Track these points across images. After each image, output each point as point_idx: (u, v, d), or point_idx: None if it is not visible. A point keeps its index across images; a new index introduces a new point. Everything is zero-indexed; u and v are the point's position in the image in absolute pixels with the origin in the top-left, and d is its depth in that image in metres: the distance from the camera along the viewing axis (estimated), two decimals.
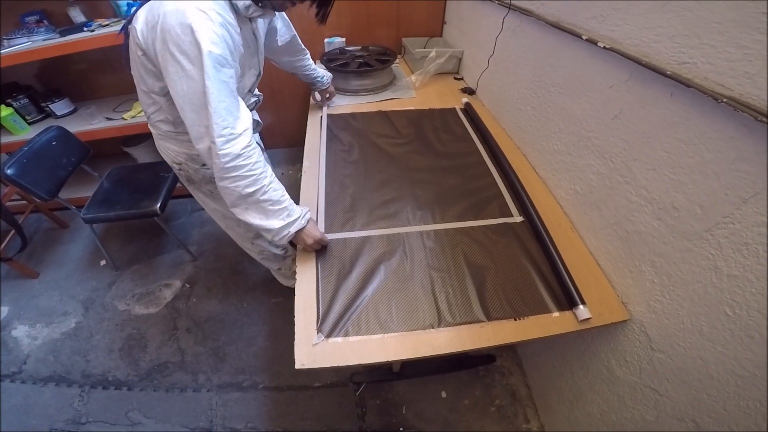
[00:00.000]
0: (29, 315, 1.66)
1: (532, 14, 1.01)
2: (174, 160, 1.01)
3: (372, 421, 1.26)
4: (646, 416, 0.76)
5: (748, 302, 0.54)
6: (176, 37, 0.67)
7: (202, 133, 0.75)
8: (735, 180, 0.54)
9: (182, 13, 0.67)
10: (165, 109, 0.88)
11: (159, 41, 0.69)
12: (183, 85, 0.70)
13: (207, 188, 1.08)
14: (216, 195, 1.08)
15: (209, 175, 1.02)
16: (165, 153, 1.01)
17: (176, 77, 0.70)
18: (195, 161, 0.99)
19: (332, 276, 0.83)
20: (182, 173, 1.05)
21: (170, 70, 0.70)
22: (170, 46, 0.68)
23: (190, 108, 0.73)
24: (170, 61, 0.69)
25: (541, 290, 0.80)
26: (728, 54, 0.52)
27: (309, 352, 0.70)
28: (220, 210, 1.16)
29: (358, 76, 1.54)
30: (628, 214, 0.76)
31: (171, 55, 0.68)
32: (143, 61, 0.77)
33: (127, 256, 1.89)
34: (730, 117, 0.53)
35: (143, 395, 1.37)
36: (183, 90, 0.71)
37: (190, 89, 0.71)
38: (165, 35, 0.68)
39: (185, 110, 0.73)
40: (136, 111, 1.78)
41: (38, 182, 1.40)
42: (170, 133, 0.94)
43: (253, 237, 1.26)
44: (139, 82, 0.84)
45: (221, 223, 1.25)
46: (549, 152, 1.04)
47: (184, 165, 1.01)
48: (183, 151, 0.97)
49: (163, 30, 0.68)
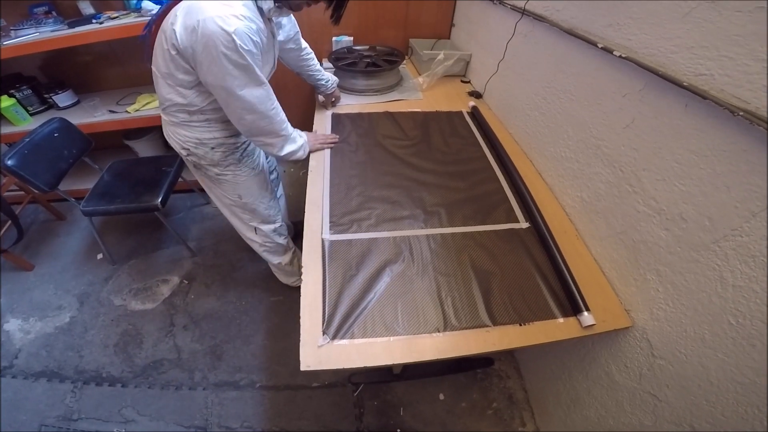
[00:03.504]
0: (22, 308, 1.64)
1: (545, 20, 1.01)
2: (183, 146, 1.05)
3: (369, 422, 1.26)
4: (644, 421, 0.77)
5: (752, 312, 0.55)
6: (218, 44, 0.76)
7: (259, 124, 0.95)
8: (746, 193, 0.55)
9: (223, 20, 0.75)
10: (189, 100, 0.94)
11: (200, 45, 0.77)
12: (236, 86, 0.84)
13: (214, 171, 1.11)
14: (222, 180, 1.13)
15: (218, 158, 1.07)
16: (175, 139, 1.05)
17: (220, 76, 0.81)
18: (205, 145, 1.04)
19: (338, 277, 0.83)
20: (190, 159, 1.08)
21: (213, 71, 0.81)
22: (211, 51, 0.77)
23: (238, 103, 0.88)
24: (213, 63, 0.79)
25: (546, 296, 0.80)
26: (747, 67, 0.53)
27: (314, 354, 0.69)
28: (225, 196, 1.18)
29: (366, 76, 1.53)
30: (635, 223, 0.76)
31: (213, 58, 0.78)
32: (176, 59, 0.83)
33: (125, 250, 1.87)
34: (745, 130, 0.53)
35: (137, 392, 1.35)
36: (240, 91, 0.85)
37: (245, 88, 0.85)
38: (207, 41, 0.76)
39: (237, 109, 0.90)
40: (141, 104, 1.76)
41: (38, 174, 1.38)
42: (185, 121, 0.99)
43: (259, 223, 1.27)
44: (166, 76, 0.89)
45: (225, 211, 1.26)
46: (556, 159, 1.04)
47: (193, 150, 1.05)
48: (195, 137, 1.02)
49: (204, 35, 0.75)
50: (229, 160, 1.09)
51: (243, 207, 1.21)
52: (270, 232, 1.31)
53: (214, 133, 1.03)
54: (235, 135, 1.07)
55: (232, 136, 1.07)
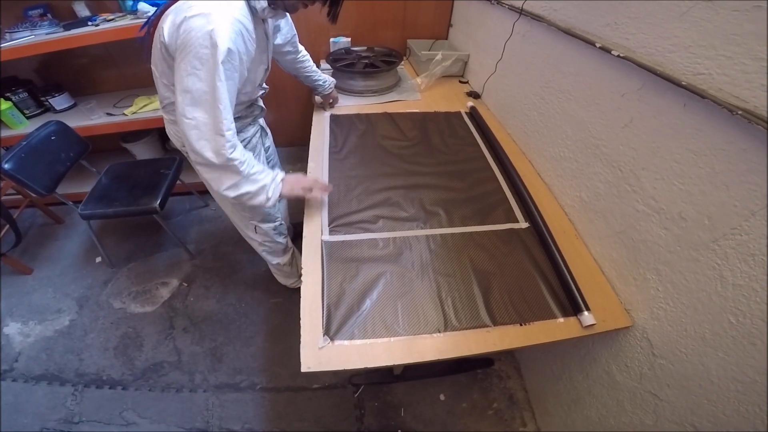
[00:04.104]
0: (22, 312, 1.63)
1: (543, 20, 1.01)
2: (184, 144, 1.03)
3: (370, 423, 1.26)
4: (645, 420, 0.77)
5: (752, 311, 0.55)
6: (194, 40, 0.73)
7: (203, 128, 0.82)
8: (745, 192, 0.55)
9: (206, 18, 0.73)
10: None
11: (180, 40, 0.75)
12: (190, 83, 0.77)
13: None
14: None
15: None
16: (177, 137, 1.05)
17: (184, 74, 0.76)
18: None
19: (338, 278, 0.82)
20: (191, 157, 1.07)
21: (181, 67, 0.76)
22: (187, 48, 0.74)
23: (190, 102, 0.79)
24: (185, 59, 0.75)
25: (546, 296, 0.80)
26: (745, 66, 0.53)
27: (315, 355, 0.69)
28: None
29: (364, 77, 1.53)
30: (635, 223, 0.76)
31: (186, 55, 0.75)
32: (165, 57, 0.83)
33: (124, 253, 1.86)
34: (743, 129, 0.54)
35: (138, 395, 1.35)
36: (189, 87, 0.77)
37: (195, 87, 0.77)
38: (186, 36, 0.74)
39: (185, 104, 0.80)
40: (138, 107, 1.75)
41: (36, 177, 1.37)
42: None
43: (259, 221, 1.27)
44: (161, 75, 0.90)
45: (227, 209, 1.26)
46: (555, 159, 1.04)
47: None
48: None
49: (185, 31, 0.74)
50: None
51: (244, 204, 1.21)
52: (270, 231, 1.31)
53: None
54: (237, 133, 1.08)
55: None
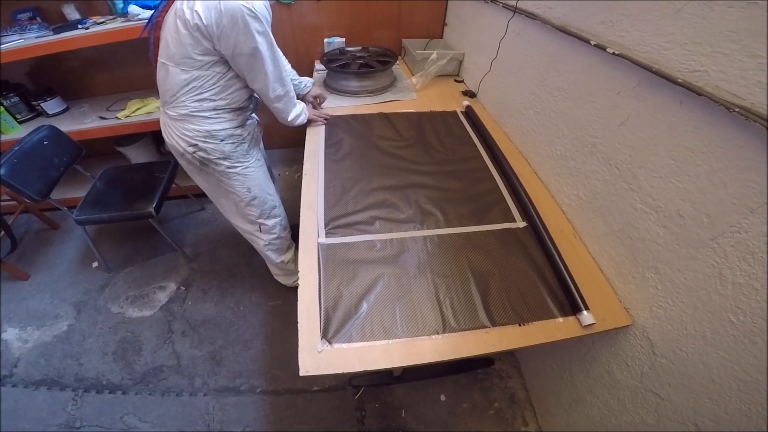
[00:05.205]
0: (19, 317, 1.62)
1: (538, 18, 1.01)
2: (191, 142, 1.05)
3: (371, 425, 1.26)
4: (646, 419, 0.76)
5: (752, 309, 0.54)
6: (244, 14, 0.86)
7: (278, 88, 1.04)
8: (743, 189, 0.54)
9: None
10: (206, 84, 0.98)
11: (226, 18, 0.86)
12: (263, 49, 0.93)
13: (224, 165, 1.12)
14: (231, 173, 1.14)
15: (228, 149, 1.10)
16: (180, 137, 1.06)
17: (257, 44, 0.91)
18: (215, 137, 1.06)
19: (335, 281, 0.82)
20: (197, 155, 1.08)
21: (242, 39, 0.89)
22: (239, 22, 0.86)
23: (262, 66, 0.96)
24: (245, 32, 0.88)
25: (545, 296, 0.80)
26: (741, 63, 0.52)
27: (313, 359, 0.69)
28: (233, 193, 1.19)
29: (359, 78, 1.52)
30: (633, 221, 0.76)
31: (244, 28, 0.87)
32: (198, 39, 0.89)
33: (120, 257, 1.85)
34: (740, 126, 0.53)
35: (138, 399, 1.34)
36: (264, 53, 0.94)
37: (267, 52, 0.95)
38: (233, 13, 0.85)
39: (265, 51, 0.95)
40: (131, 110, 1.74)
41: (29, 183, 1.36)
42: (196, 111, 1.02)
43: (265, 218, 1.28)
44: (182, 62, 0.93)
45: (232, 209, 1.27)
46: (552, 157, 1.04)
47: (202, 144, 1.06)
48: (204, 129, 1.04)
49: (229, 9, 0.85)
50: (238, 152, 1.12)
51: (250, 202, 1.22)
52: (276, 225, 1.33)
53: (222, 123, 1.05)
54: (241, 126, 1.11)
55: (239, 127, 1.10)
